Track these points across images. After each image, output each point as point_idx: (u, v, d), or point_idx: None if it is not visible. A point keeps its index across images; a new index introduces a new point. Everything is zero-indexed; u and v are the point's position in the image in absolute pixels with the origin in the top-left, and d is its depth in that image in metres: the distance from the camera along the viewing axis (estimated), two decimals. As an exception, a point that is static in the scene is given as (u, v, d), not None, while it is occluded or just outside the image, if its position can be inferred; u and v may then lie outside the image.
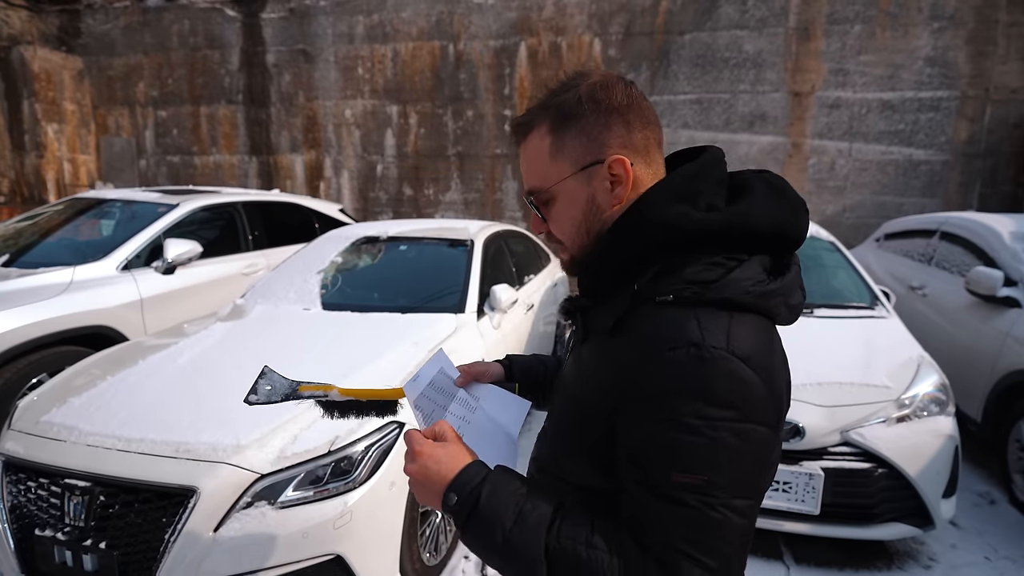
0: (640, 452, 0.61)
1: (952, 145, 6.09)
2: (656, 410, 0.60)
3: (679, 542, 0.58)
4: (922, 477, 2.21)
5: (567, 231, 0.74)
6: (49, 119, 7.66)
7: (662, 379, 0.60)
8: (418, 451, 0.69)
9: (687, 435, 0.58)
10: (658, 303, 0.64)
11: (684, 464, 0.58)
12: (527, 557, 0.61)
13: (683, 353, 0.59)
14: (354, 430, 1.81)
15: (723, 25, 6.38)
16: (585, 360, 0.72)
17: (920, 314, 3.72)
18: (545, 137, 0.72)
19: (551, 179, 0.72)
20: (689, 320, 0.61)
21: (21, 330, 2.81)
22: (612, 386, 0.64)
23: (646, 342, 0.63)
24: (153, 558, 1.58)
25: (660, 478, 0.59)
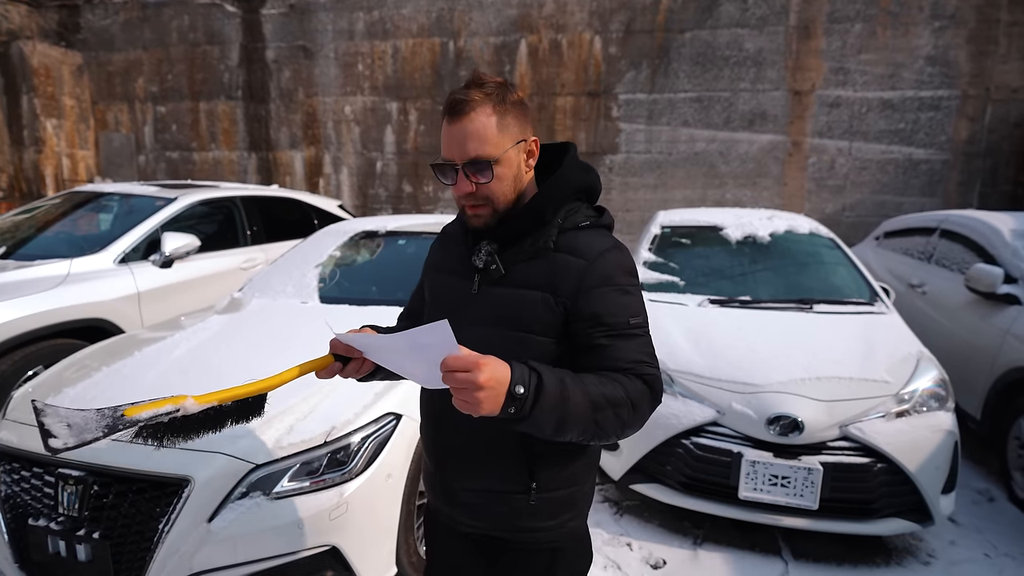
0: (605, 313, 0.95)
1: (952, 144, 6.08)
2: (609, 285, 0.96)
3: (643, 357, 0.95)
4: (921, 472, 2.20)
5: (504, 189, 0.98)
6: (48, 114, 7.64)
7: (607, 267, 0.97)
8: (483, 362, 0.78)
9: (629, 295, 0.98)
10: (579, 228, 1.01)
11: (633, 311, 0.97)
12: (582, 407, 0.85)
13: (613, 251, 0.99)
14: (351, 420, 1.80)
15: (724, 23, 6.37)
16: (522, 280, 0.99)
17: (920, 312, 3.71)
18: (491, 115, 0.94)
19: (499, 148, 0.95)
20: (604, 235, 1.03)
21: (17, 322, 2.79)
22: (565, 283, 0.96)
23: (587, 250, 0.98)
24: (147, 548, 1.57)
25: (623, 324, 0.95)
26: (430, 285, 1.17)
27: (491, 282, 1.01)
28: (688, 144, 6.59)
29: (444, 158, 0.97)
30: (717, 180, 6.58)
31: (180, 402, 0.78)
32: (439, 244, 1.19)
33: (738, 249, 3.40)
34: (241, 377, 1.97)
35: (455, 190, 0.98)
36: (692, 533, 2.53)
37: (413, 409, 1.99)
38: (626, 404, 0.89)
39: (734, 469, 2.29)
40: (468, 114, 0.93)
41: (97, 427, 0.75)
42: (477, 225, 1.00)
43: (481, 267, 1.02)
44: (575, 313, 0.95)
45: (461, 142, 0.94)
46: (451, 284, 1.08)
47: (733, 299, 3.05)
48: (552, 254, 0.98)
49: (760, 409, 2.29)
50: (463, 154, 0.94)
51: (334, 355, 1.01)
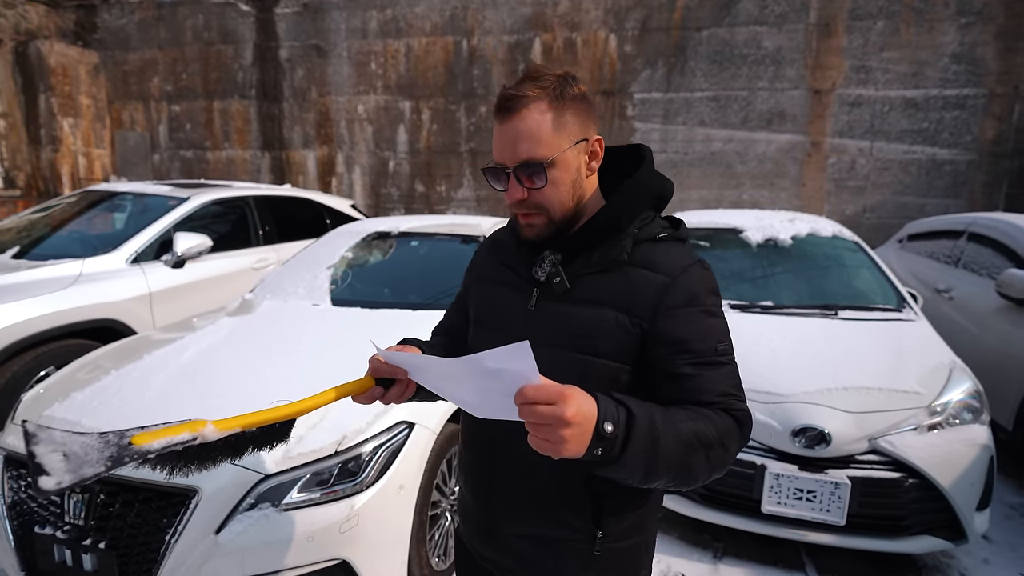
0: (691, 338, 0.82)
1: (978, 144, 5.92)
2: (695, 306, 0.84)
3: (731, 390, 0.83)
4: (955, 488, 2.10)
5: (559, 195, 0.86)
6: (65, 113, 7.71)
7: (692, 285, 0.85)
8: (569, 394, 0.66)
9: (715, 318, 0.86)
10: (656, 240, 0.89)
11: (720, 336, 0.85)
12: (675, 449, 0.73)
13: (697, 268, 0.87)
14: (362, 430, 1.75)
15: (742, 21, 6.25)
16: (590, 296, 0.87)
17: (946, 318, 3.59)
18: (546, 112, 0.83)
19: (555, 149, 0.83)
20: (683, 249, 0.90)
21: (29, 322, 2.78)
22: (643, 301, 0.84)
23: (668, 265, 0.86)
24: (153, 560, 1.53)
25: (710, 351, 0.83)
26: (477, 298, 1.03)
27: (552, 297, 0.89)
28: (704, 144, 6.48)
29: (495, 161, 0.86)
30: (734, 180, 6.46)
31: (199, 429, 0.68)
32: (487, 252, 1.06)
33: (759, 252, 3.30)
34: (248, 383, 1.93)
35: (506, 197, 0.87)
36: (712, 547, 2.45)
37: (426, 418, 1.93)
38: (717, 445, 0.77)
39: (757, 482, 2.21)
40: (520, 112, 0.82)
41: (99, 458, 0.64)
42: (529, 236, 0.89)
43: (543, 280, 0.89)
44: (655, 337, 0.83)
45: (512, 143, 0.83)
46: (503, 298, 0.95)
47: (754, 304, 2.96)
48: (627, 268, 0.86)
49: (785, 420, 2.21)
50: (514, 156, 0.83)
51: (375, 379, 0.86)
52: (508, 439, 0.89)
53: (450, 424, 2.09)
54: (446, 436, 2.04)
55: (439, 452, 2.00)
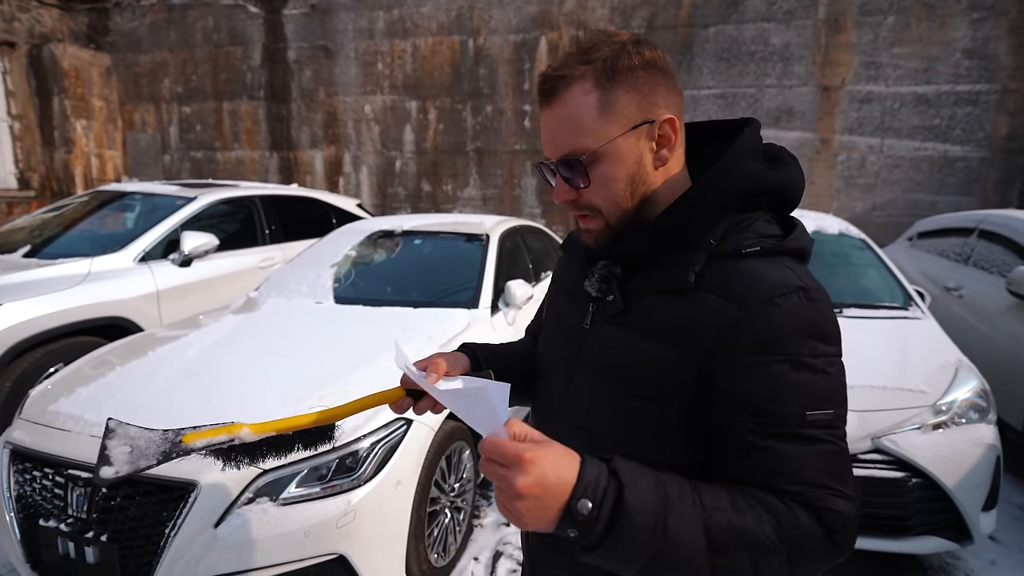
0: (764, 398, 0.61)
1: (991, 141, 5.82)
2: (776, 353, 0.60)
3: (822, 478, 0.59)
4: (960, 489, 2.07)
5: (611, 195, 0.69)
6: (78, 115, 7.82)
7: (776, 324, 0.61)
8: (530, 459, 0.52)
9: (811, 373, 0.61)
10: (744, 256, 0.66)
11: (814, 401, 0.60)
12: (691, 546, 0.55)
13: (795, 298, 0.62)
14: (360, 425, 1.76)
15: (749, 17, 6.20)
16: (644, 325, 0.68)
17: (956, 316, 3.54)
18: (591, 92, 0.66)
19: (601, 137, 0.66)
20: (783, 269, 0.65)
21: (39, 320, 2.83)
22: (704, 340, 0.63)
23: (748, 292, 0.63)
24: (153, 552, 1.55)
25: (792, 419, 0.60)
26: (549, 304, 0.91)
27: (606, 317, 0.73)
28: (711, 142, 6.44)
29: (544, 156, 0.72)
30: (741, 179, 6.41)
31: (236, 431, 0.73)
32: (563, 255, 0.91)
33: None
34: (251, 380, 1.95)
35: (554, 198, 0.72)
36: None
37: (424, 415, 1.94)
38: (776, 551, 0.57)
39: (758, 480, 2.19)
40: (561, 95, 0.67)
41: (154, 452, 0.71)
42: (588, 242, 0.74)
43: (595, 295, 0.74)
44: (716, 387, 0.63)
45: (552, 134, 0.69)
46: (566, 310, 0.81)
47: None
48: (695, 292, 0.65)
49: (786, 418, 2.19)
50: (555, 150, 0.69)
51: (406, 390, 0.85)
52: None
53: (448, 421, 2.09)
54: (445, 433, 2.05)
55: (438, 449, 2.01)
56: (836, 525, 0.59)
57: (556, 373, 0.81)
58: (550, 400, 0.81)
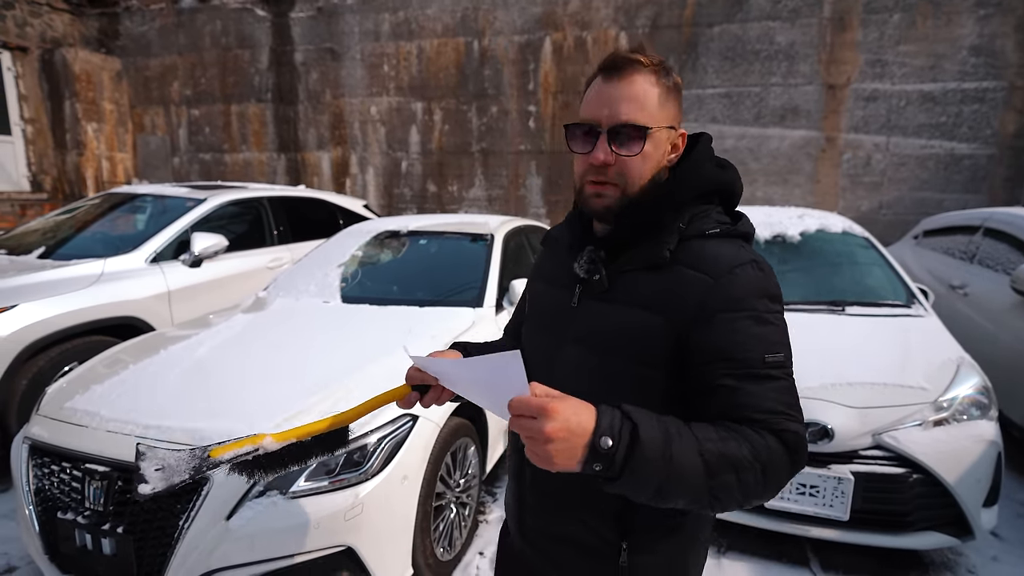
0: (732, 346, 0.75)
1: (998, 138, 5.79)
2: (740, 312, 0.76)
3: (780, 408, 0.73)
4: (961, 484, 2.09)
5: (644, 170, 0.82)
6: (89, 118, 7.94)
7: (738, 289, 0.77)
8: (554, 408, 0.63)
9: (766, 326, 0.76)
10: (706, 236, 0.82)
11: (769, 346, 0.75)
12: (692, 470, 0.67)
13: (749, 268, 0.79)
14: (367, 421, 1.80)
15: (754, 16, 6.20)
16: (629, 297, 0.82)
17: (961, 314, 3.54)
18: (655, 85, 0.81)
19: (656, 121, 0.81)
20: (738, 247, 0.82)
21: (54, 319, 2.90)
22: (682, 305, 0.78)
23: (714, 265, 0.79)
24: (168, 544, 1.60)
25: (755, 362, 0.74)
26: (530, 295, 1.04)
27: (593, 295, 0.86)
28: (717, 141, 6.31)
29: (587, 118, 0.81)
30: (747, 177, 6.41)
31: (259, 441, 0.80)
32: (544, 249, 1.07)
33: (767, 249, 3.29)
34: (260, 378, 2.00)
35: (587, 160, 0.82)
36: (716, 542, 2.46)
37: (430, 411, 1.98)
38: (752, 468, 0.69)
39: (760, 476, 2.21)
40: (631, 75, 0.79)
41: (185, 468, 0.78)
42: (598, 207, 0.84)
43: (583, 276, 0.86)
44: (693, 344, 0.77)
45: (615, 102, 0.79)
46: (551, 296, 0.94)
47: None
48: (670, 267, 0.81)
49: (788, 415, 2.21)
50: (613, 116, 0.79)
51: (412, 386, 0.92)
52: None
53: (454, 418, 2.13)
54: (450, 429, 2.09)
55: (443, 445, 2.04)
56: (793, 443, 0.73)
57: (540, 356, 0.91)
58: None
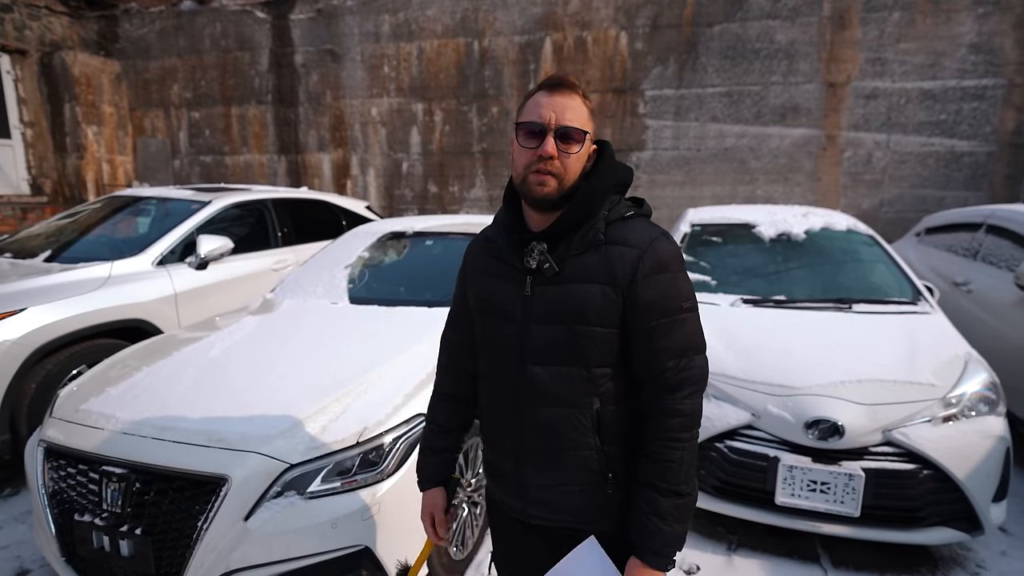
0: (659, 299, 1.00)
1: (998, 136, 5.82)
2: (663, 272, 1.00)
3: (691, 343, 1.02)
4: (970, 480, 2.11)
5: (575, 168, 1.02)
6: (89, 121, 7.92)
7: (659, 255, 1.01)
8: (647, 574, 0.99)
9: (680, 282, 1.02)
10: (624, 219, 1.04)
11: (684, 296, 1.02)
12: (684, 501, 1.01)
13: (662, 240, 1.03)
14: (382, 421, 1.81)
15: (754, 15, 6.22)
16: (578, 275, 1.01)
17: (965, 311, 3.56)
18: (585, 106, 1.03)
19: (588, 130, 1.02)
20: (649, 224, 1.06)
21: (63, 322, 2.90)
22: (621, 273, 0.99)
23: (638, 240, 1.02)
24: (186, 545, 1.61)
25: (675, 309, 1.01)
26: (476, 292, 1.16)
27: (544, 281, 1.04)
28: (717, 140, 6.46)
29: (536, 120, 1.00)
30: (747, 176, 6.43)
31: None
32: (480, 249, 1.18)
33: (772, 247, 3.31)
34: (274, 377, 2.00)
35: (535, 152, 0.99)
36: (727, 539, 2.48)
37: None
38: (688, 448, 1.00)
39: (770, 474, 2.23)
40: (570, 93, 1.01)
41: None
42: (541, 194, 1.01)
43: (534, 267, 1.03)
44: (632, 302, 0.99)
45: (560, 110, 0.99)
46: (501, 289, 1.09)
47: (767, 299, 2.97)
48: (604, 246, 1.01)
49: (797, 412, 2.22)
50: (559, 120, 0.99)
51: None
52: (529, 409, 1.06)
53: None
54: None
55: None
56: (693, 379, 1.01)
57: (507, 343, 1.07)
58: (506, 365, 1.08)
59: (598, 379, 1.02)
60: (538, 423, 1.05)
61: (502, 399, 1.10)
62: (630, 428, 1.06)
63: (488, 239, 1.16)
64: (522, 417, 1.06)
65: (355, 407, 1.85)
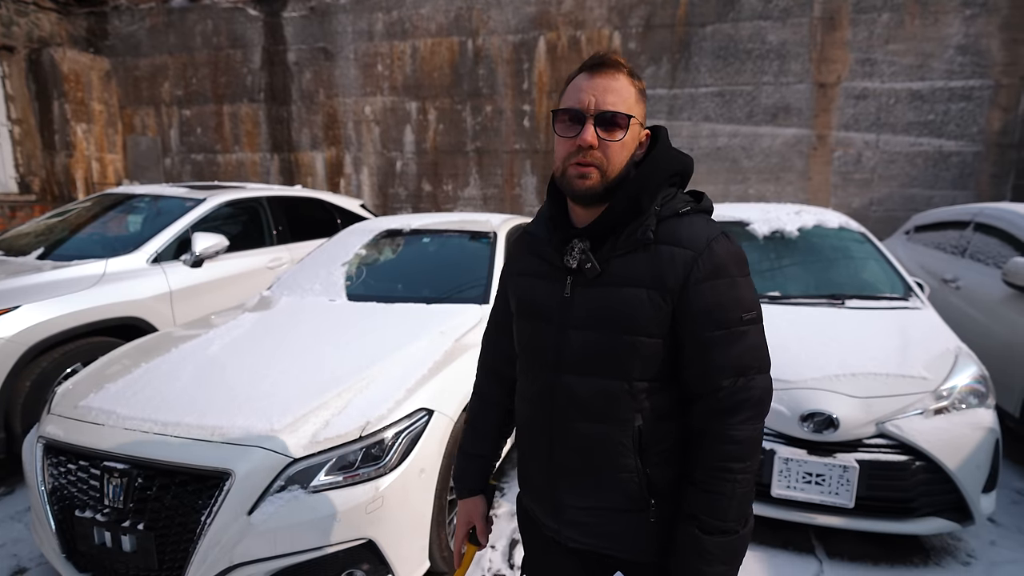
0: (715, 308, 0.88)
1: (985, 136, 5.92)
2: (720, 278, 0.88)
3: (751, 361, 0.89)
4: (962, 471, 2.15)
5: (621, 157, 0.92)
6: (78, 119, 7.84)
7: (716, 257, 0.88)
8: None
9: (741, 289, 0.90)
10: (679, 215, 0.92)
11: (746, 306, 0.89)
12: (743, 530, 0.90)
13: (722, 240, 0.90)
14: (385, 416, 1.82)
15: (746, 16, 6.28)
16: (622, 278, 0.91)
17: (954, 307, 3.62)
18: (631, 85, 0.92)
19: (635, 113, 0.91)
20: (708, 222, 0.93)
21: (58, 320, 2.87)
22: (671, 277, 0.88)
23: (693, 239, 0.89)
24: (189, 540, 1.61)
25: (735, 320, 0.88)
26: (516, 292, 1.06)
27: (586, 283, 0.93)
28: (710, 139, 6.52)
29: (574, 105, 0.89)
30: (740, 175, 6.50)
31: None
32: (520, 246, 1.09)
33: (765, 245, 3.35)
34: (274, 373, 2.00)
35: (574, 142, 0.89)
36: (723, 531, 2.50)
37: (444, 405, 2.00)
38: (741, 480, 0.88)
39: (766, 466, 2.26)
40: (613, 72, 0.89)
41: None
42: (582, 188, 0.90)
43: (575, 267, 0.93)
44: (683, 310, 0.88)
45: (601, 93, 0.88)
46: (541, 289, 0.99)
47: (762, 295, 3.00)
48: (654, 246, 0.90)
49: (793, 406, 2.26)
50: (600, 104, 0.88)
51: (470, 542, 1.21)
52: (564, 423, 0.96)
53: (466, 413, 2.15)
54: (463, 423, 2.11)
55: (456, 438, 2.06)
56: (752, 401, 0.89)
57: (544, 346, 0.98)
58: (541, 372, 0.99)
59: (640, 393, 0.91)
60: (573, 439, 0.95)
61: (537, 409, 1.00)
62: (678, 449, 0.93)
63: (529, 234, 1.06)
64: (557, 431, 0.96)
65: (357, 402, 1.86)
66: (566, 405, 0.94)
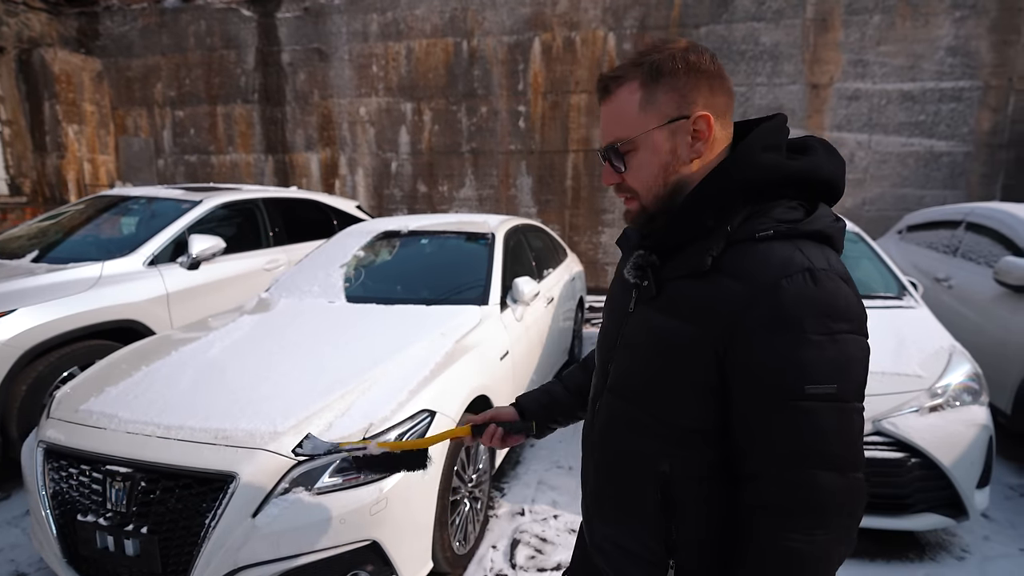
0: (766, 372, 0.67)
1: (975, 136, 6.00)
2: (781, 330, 0.66)
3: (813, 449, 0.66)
4: (956, 467, 2.18)
5: (645, 180, 0.78)
6: (69, 120, 7.78)
7: (781, 303, 0.66)
8: None
9: (814, 349, 0.65)
10: (757, 240, 0.71)
11: (814, 375, 0.65)
12: None
13: (800, 278, 0.66)
14: (388, 417, 1.82)
15: (739, 17, 6.33)
16: (671, 306, 0.76)
17: (946, 306, 3.67)
18: (636, 92, 0.76)
19: (636, 129, 0.76)
20: (793, 251, 0.69)
21: (54, 323, 2.85)
22: (718, 320, 0.69)
23: (755, 272, 0.68)
24: (194, 543, 1.61)
25: (792, 391, 0.65)
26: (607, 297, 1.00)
27: (644, 300, 0.81)
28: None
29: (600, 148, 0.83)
30: (734, 176, 6.54)
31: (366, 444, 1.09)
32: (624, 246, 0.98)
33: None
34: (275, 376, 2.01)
35: (603, 181, 0.84)
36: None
37: (447, 407, 2.01)
38: None
39: (765, 464, 2.28)
40: (612, 93, 0.79)
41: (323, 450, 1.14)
42: (628, 220, 0.84)
43: (632, 281, 0.83)
44: (732, 361, 0.69)
45: (605, 125, 0.80)
46: (616, 298, 0.91)
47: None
48: (715, 275, 0.72)
49: (790, 404, 2.28)
50: (605, 138, 0.81)
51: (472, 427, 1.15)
52: (602, 441, 0.88)
53: (467, 414, 2.16)
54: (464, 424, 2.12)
55: (458, 441, 2.07)
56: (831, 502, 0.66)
57: (603, 356, 0.92)
58: (596, 383, 0.93)
59: (672, 437, 0.76)
60: (604, 462, 0.87)
61: (588, 416, 0.94)
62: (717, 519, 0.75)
63: (625, 236, 0.94)
64: (597, 446, 0.89)
65: (359, 404, 1.86)
66: (605, 423, 0.86)
